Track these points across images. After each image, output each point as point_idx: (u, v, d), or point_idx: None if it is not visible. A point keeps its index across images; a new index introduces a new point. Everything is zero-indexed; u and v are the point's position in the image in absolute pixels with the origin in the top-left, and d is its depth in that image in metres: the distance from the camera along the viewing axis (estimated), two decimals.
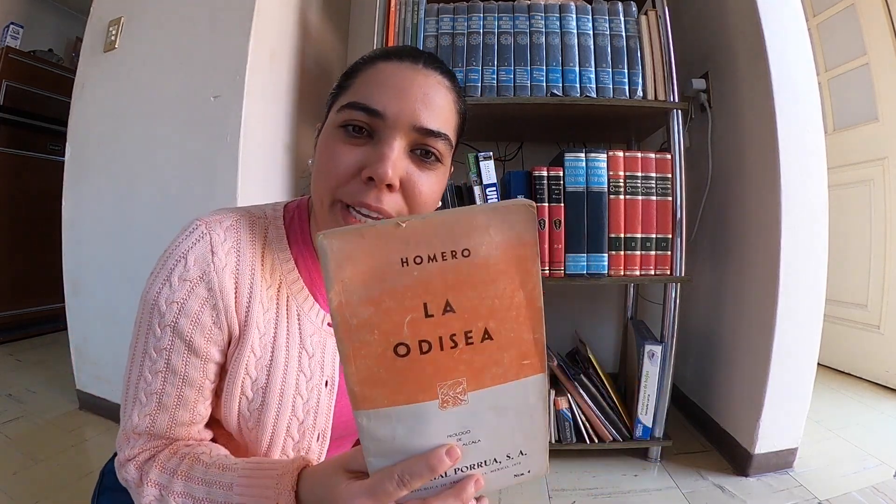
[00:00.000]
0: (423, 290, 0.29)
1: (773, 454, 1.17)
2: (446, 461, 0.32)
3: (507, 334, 0.31)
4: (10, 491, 1.04)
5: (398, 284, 0.29)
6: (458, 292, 0.29)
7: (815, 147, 1.13)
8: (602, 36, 1.19)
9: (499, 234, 0.29)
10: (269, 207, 0.55)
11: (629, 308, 1.62)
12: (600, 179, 1.15)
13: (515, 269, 0.30)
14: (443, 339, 0.30)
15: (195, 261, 0.46)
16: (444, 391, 0.31)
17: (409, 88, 0.45)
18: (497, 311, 0.30)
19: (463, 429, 0.32)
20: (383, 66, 0.47)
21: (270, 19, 1.26)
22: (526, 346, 0.32)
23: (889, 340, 1.77)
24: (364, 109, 0.44)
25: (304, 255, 0.53)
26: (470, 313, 0.30)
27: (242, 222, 0.50)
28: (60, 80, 2.23)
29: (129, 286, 1.35)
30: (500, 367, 0.32)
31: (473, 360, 0.31)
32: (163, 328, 0.46)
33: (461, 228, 0.29)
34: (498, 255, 0.30)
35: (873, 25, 1.80)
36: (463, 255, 0.29)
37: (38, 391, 1.60)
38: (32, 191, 2.18)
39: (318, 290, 0.53)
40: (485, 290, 0.30)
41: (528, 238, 0.30)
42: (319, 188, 0.47)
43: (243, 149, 1.18)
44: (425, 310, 0.29)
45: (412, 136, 0.45)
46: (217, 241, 0.47)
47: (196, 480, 0.43)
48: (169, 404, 0.47)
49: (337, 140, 0.46)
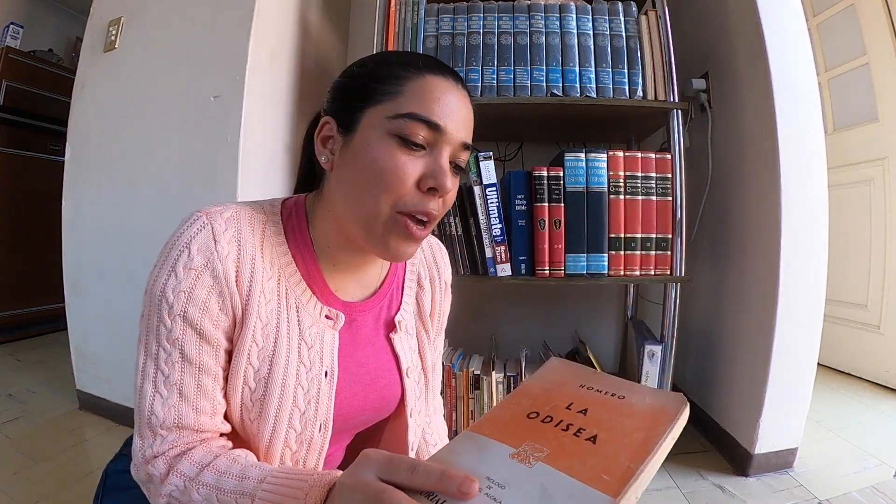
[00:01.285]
0: (578, 399, 0.37)
1: (773, 454, 1.17)
2: (455, 488, 0.31)
3: (608, 447, 0.33)
4: (10, 491, 1.04)
5: (567, 391, 0.38)
6: (598, 408, 0.36)
7: (815, 147, 1.13)
8: (602, 36, 1.19)
9: (651, 400, 0.37)
10: (267, 203, 0.56)
11: (629, 308, 1.62)
12: (600, 179, 1.15)
13: (649, 420, 0.35)
14: (563, 422, 0.35)
15: (198, 249, 0.47)
16: (526, 447, 0.34)
17: (459, 108, 0.50)
18: (613, 429, 0.35)
19: (502, 482, 0.32)
20: (434, 80, 0.49)
21: (270, 19, 1.26)
22: (614, 466, 0.32)
23: (889, 340, 1.77)
24: (428, 122, 0.48)
25: (300, 250, 0.54)
26: (594, 421, 0.35)
27: (242, 214, 0.51)
28: (60, 80, 2.23)
29: (129, 286, 1.35)
30: (581, 464, 0.32)
31: (567, 445, 0.34)
32: (173, 318, 0.47)
33: (628, 387, 0.38)
34: (642, 407, 0.36)
35: (873, 25, 1.80)
36: (619, 397, 0.37)
37: (38, 391, 1.60)
38: (32, 191, 2.18)
39: (315, 283, 0.54)
40: (616, 416, 0.36)
41: (670, 411, 0.36)
42: (372, 199, 0.48)
43: (243, 149, 1.18)
44: (569, 405, 0.37)
45: (457, 151, 0.50)
46: (219, 230, 0.48)
47: (229, 475, 0.44)
48: (190, 395, 0.48)
49: (395, 149, 0.48)
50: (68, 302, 1.49)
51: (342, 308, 0.57)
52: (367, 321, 0.59)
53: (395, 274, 0.64)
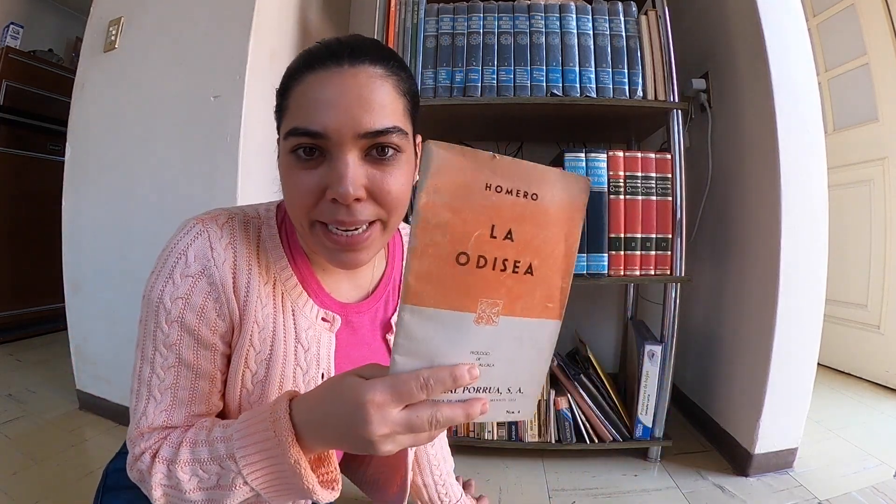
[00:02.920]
0: (495, 214, 0.34)
1: (773, 454, 1.17)
2: (467, 377, 0.35)
3: (544, 274, 0.36)
4: (10, 491, 1.04)
5: (477, 202, 0.33)
6: (520, 225, 0.34)
7: (815, 147, 1.13)
8: (602, 36, 1.19)
9: (562, 192, 0.35)
10: (262, 207, 0.57)
11: (629, 308, 1.62)
12: (600, 179, 1.15)
13: (565, 224, 0.35)
14: (497, 260, 0.34)
15: (195, 257, 0.47)
16: (483, 307, 0.35)
17: (340, 97, 0.44)
18: (542, 251, 0.35)
19: (485, 349, 0.36)
20: (310, 78, 0.45)
21: (270, 19, 1.26)
22: (553, 291, 0.36)
23: (889, 340, 1.77)
24: (306, 133, 0.44)
25: (294, 253, 0.55)
26: (523, 246, 0.35)
27: (237, 220, 0.52)
28: (60, 80, 2.23)
29: (129, 286, 1.35)
30: (530, 301, 0.36)
31: (513, 287, 0.35)
32: (170, 324, 0.47)
33: (536, 177, 0.34)
34: (556, 207, 0.35)
35: (873, 25, 1.79)
36: (532, 197, 0.34)
37: (38, 391, 1.60)
38: (32, 191, 2.17)
39: (310, 286, 0.55)
40: (539, 231, 0.35)
41: (579, 203, 0.36)
42: (293, 214, 0.49)
43: (243, 149, 1.18)
44: (492, 230, 0.34)
45: (362, 143, 0.44)
46: (215, 237, 0.49)
47: (200, 444, 0.45)
48: (184, 398, 0.49)
49: (292, 167, 0.46)
50: (68, 302, 1.49)
51: (339, 309, 0.57)
52: (364, 322, 0.60)
53: (392, 275, 0.65)
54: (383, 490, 0.74)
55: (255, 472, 0.41)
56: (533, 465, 1.22)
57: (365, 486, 0.79)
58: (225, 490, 0.43)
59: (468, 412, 0.36)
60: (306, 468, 0.40)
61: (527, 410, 0.39)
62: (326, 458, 0.45)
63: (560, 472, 1.19)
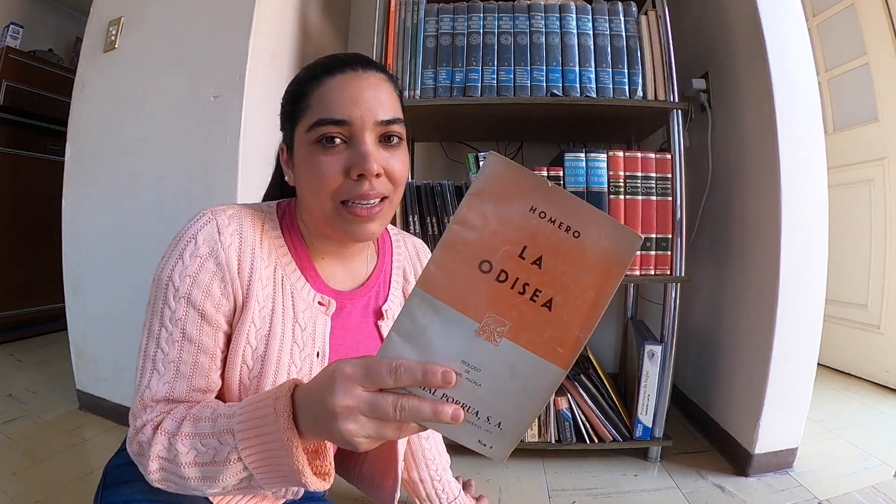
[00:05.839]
0: (530, 236, 0.33)
1: (773, 454, 1.17)
2: (439, 378, 0.34)
3: (563, 314, 0.34)
4: (10, 491, 1.04)
5: (517, 220, 0.33)
6: (553, 257, 0.34)
7: (816, 147, 1.13)
8: (602, 36, 1.19)
9: (607, 239, 0.33)
10: (265, 205, 0.63)
11: (629, 308, 1.62)
12: (600, 179, 1.15)
13: (600, 273, 0.34)
14: (518, 281, 0.34)
15: (204, 240, 0.53)
16: (489, 322, 0.34)
17: (361, 93, 0.54)
18: (568, 290, 0.34)
19: (477, 365, 0.35)
20: (330, 81, 0.55)
21: (270, 19, 1.26)
22: (567, 337, 0.35)
23: (889, 340, 1.77)
24: (332, 122, 0.53)
25: (294, 243, 0.61)
26: (550, 278, 0.34)
27: (243, 212, 0.58)
28: (60, 80, 2.23)
29: (129, 286, 1.35)
30: (539, 337, 0.35)
31: (526, 314, 0.34)
32: (177, 300, 0.52)
33: (584, 215, 0.33)
34: (596, 252, 0.34)
35: (873, 25, 1.79)
36: (574, 233, 0.33)
37: (38, 391, 1.60)
38: (32, 191, 2.18)
39: (308, 273, 0.61)
40: (570, 269, 0.34)
41: (623, 258, 0.34)
42: (317, 199, 0.54)
43: (243, 149, 1.18)
44: (522, 251, 0.34)
45: (378, 130, 0.54)
46: (223, 224, 0.54)
47: (204, 419, 0.47)
48: (186, 372, 0.52)
49: (316, 154, 0.54)
50: (68, 302, 1.49)
51: (334, 295, 0.62)
52: (356, 309, 0.65)
53: (382, 268, 0.70)
54: (379, 487, 0.76)
55: (250, 447, 0.43)
56: (533, 465, 1.22)
57: (360, 482, 0.80)
58: (219, 466, 0.44)
59: (437, 409, 0.35)
60: (298, 447, 0.40)
61: (500, 452, 0.37)
62: (322, 451, 0.46)
63: (560, 472, 1.19)
